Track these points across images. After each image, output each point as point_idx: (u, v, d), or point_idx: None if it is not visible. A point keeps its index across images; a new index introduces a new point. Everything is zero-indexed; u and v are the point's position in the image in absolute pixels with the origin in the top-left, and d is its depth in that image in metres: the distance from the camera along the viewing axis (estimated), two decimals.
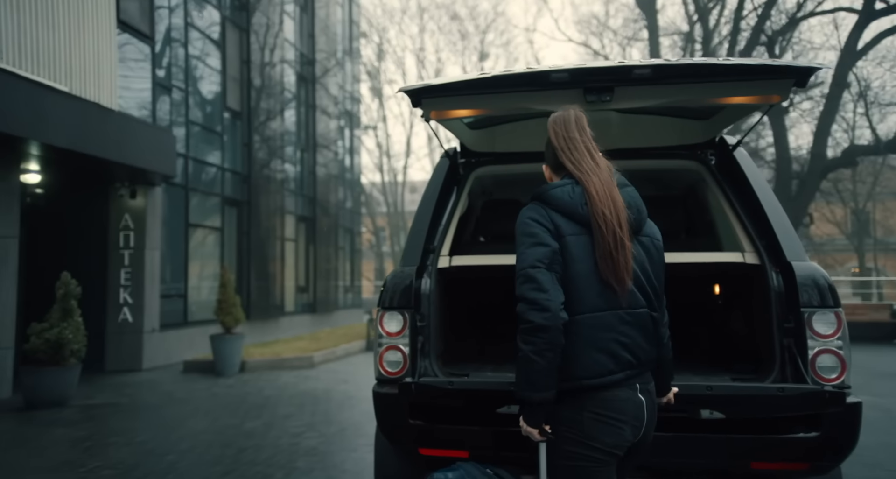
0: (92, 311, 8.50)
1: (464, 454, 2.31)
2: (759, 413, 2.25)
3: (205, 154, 11.25)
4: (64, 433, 5.38)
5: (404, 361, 2.51)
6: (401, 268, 2.65)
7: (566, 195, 1.73)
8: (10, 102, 6.34)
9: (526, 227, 1.72)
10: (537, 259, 1.65)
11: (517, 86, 2.31)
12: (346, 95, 19.76)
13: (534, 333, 1.60)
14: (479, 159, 3.08)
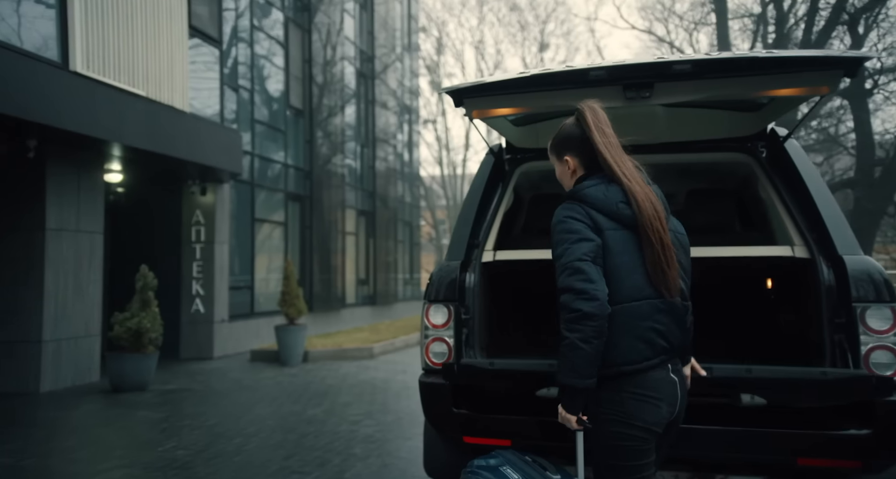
0: (168, 302, 9.05)
1: (506, 442, 2.39)
2: (801, 399, 2.21)
3: (269, 151, 11.70)
4: (144, 415, 5.79)
5: (449, 352, 2.61)
6: (446, 262, 2.75)
7: (601, 193, 1.80)
8: (95, 107, 6.82)
9: (566, 224, 1.78)
10: (584, 253, 1.72)
11: (557, 84, 2.35)
12: (405, 90, 20.00)
13: (581, 321, 1.66)
14: (524, 155, 3.12)
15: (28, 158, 6.71)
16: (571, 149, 1.93)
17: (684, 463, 2.35)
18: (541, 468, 1.85)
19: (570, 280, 1.70)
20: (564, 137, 1.94)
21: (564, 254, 1.74)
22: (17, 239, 7.00)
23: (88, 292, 7.49)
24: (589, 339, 1.66)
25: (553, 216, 1.86)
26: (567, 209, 1.82)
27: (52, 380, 6.94)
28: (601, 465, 1.78)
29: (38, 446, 4.73)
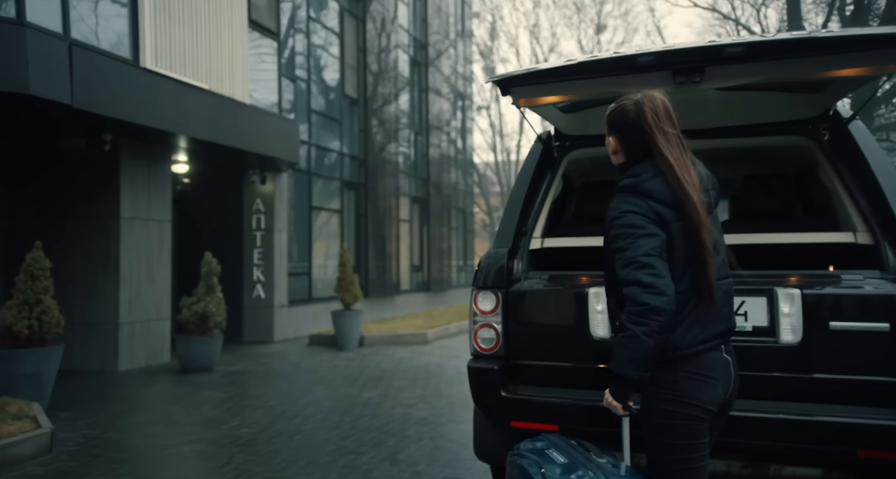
0: (231, 287, 9.45)
1: (553, 427, 2.42)
2: None
3: (325, 140, 11.96)
4: (210, 394, 6.11)
5: (497, 338, 2.66)
6: (494, 249, 2.78)
7: (661, 185, 1.79)
8: (163, 101, 7.15)
9: (628, 219, 1.76)
10: (651, 248, 1.72)
11: (604, 71, 2.34)
12: (459, 77, 19.96)
13: (648, 315, 1.67)
14: (573, 142, 3.10)
15: (104, 151, 7.12)
16: (617, 131, 1.91)
17: (737, 452, 2.32)
18: (585, 451, 1.88)
19: (638, 274, 1.70)
20: (618, 119, 1.91)
21: (630, 248, 1.73)
22: (94, 227, 7.46)
23: (159, 277, 7.91)
24: (653, 333, 1.67)
25: (610, 207, 1.84)
26: (628, 203, 1.79)
27: (128, 360, 7.40)
28: (656, 445, 1.79)
29: (117, 420, 5.08)
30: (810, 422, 2.15)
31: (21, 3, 5.69)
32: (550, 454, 1.86)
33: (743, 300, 2.33)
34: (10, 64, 5.41)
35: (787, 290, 2.27)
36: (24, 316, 5.19)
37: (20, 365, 5.15)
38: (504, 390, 2.58)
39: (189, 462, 4.03)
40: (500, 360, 2.65)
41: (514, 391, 2.60)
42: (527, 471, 1.84)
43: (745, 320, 2.33)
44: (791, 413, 2.19)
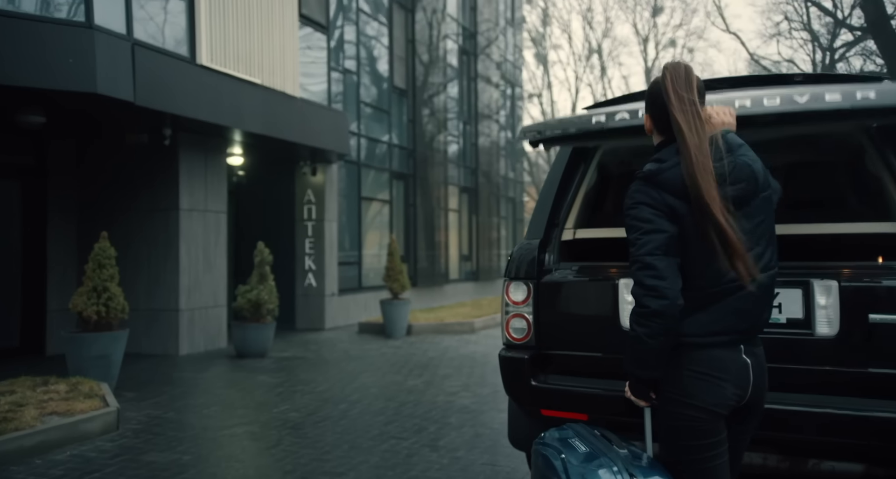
0: (284, 276, 9.78)
1: (583, 416, 2.44)
2: None
3: (374, 132, 12.13)
4: (263, 379, 6.38)
5: (528, 328, 2.69)
6: (526, 241, 2.81)
7: (679, 177, 1.67)
8: (218, 96, 7.43)
9: (637, 210, 1.70)
10: (655, 247, 1.66)
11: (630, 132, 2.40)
12: (509, 65, 19.80)
13: (649, 318, 1.64)
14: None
15: (164, 145, 7.47)
16: (650, 108, 1.84)
17: (773, 445, 2.28)
18: (608, 441, 1.90)
19: (640, 275, 1.66)
20: (650, 94, 1.82)
21: (635, 244, 1.68)
22: (156, 219, 7.85)
23: (216, 266, 8.27)
24: (655, 335, 1.65)
25: (627, 194, 1.78)
26: (640, 193, 1.72)
27: (188, 345, 7.79)
28: (665, 444, 1.78)
29: (177, 401, 5.38)
30: (849, 416, 2.10)
31: (90, 7, 6.02)
32: (573, 443, 1.89)
33: (777, 292, 2.29)
34: (80, 65, 5.74)
35: (824, 281, 2.21)
36: (92, 302, 5.55)
37: (90, 348, 5.52)
38: (534, 379, 2.62)
39: (241, 443, 4.25)
40: (530, 350, 2.68)
41: (544, 381, 2.63)
42: (549, 459, 1.88)
43: (779, 312, 2.29)
44: (828, 407, 2.14)
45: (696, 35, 37.60)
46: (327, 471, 3.66)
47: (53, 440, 4.09)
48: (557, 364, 2.67)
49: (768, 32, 20.62)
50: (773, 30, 19.95)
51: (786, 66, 20.47)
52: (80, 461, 3.86)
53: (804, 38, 19.42)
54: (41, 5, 5.97)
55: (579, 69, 35.60)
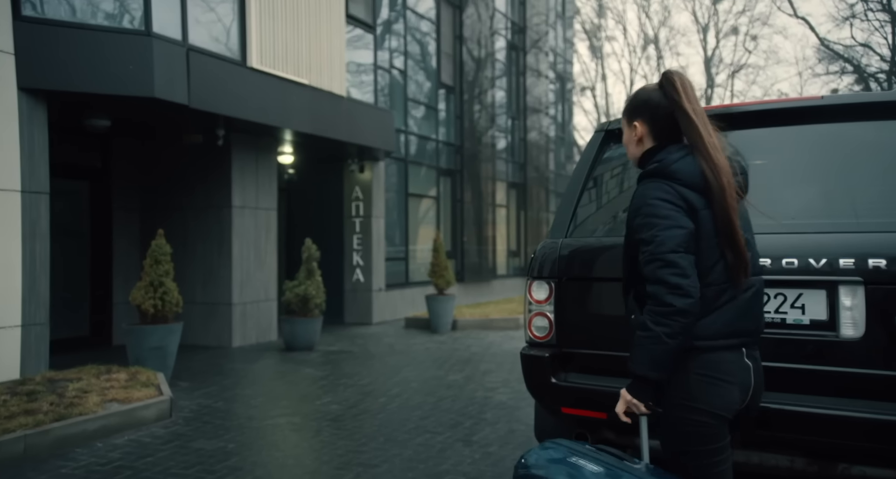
0: (333, 271, 10.03)
1: (601, 415, 2.44)
2: None
3: (421, 129, 12.24)
4: (309, 372, 6.58)
5: (550, 326, 2.71)
6: (549, 240, 2.82)
7: (690, 167, 1.69)
8: (268, 97, 7.68)
9: (655, 208, 1.68)
10: (677, 244, 1.64)
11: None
12: (559, 58, 19.55)
13: (672, 316, 1.62)
14: None
15: (218, 145, 7.78)
16: (645, 115, 1.83)
17: (799, 448, 2.23)
18: (614, 456, 1.76)
19: (663, 273, 1.63)
20: (642, 102, 1.84)
21: (654, 242, 1.65)
22: (210, 216, 8.19)
23: (266, 261, 8.56)
24: (676, 335, 1.62)
25: (636, 195, 1.76)
26: (655, 189, 1.70)
27: (240, 337, 8.11)
28: (671, 450, 1.75)
29: (226, 391, 5.64)
30: (876, 421, 2.02)
31: (148, 15, 6.34)
32: (579, 463, 1.72)
33: (800, 293, 2.22)
34: (139, 71, 6.06)
35: (850, 282, 2.13)
36: (149, 296, 5.86)
37: (147, 339, 5.83)
38: (554, 377, 2.63)
39: (282, 433, 4.42)
40: (552, 348, 2.70)
41: (564, 379, 2.64)
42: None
43: (802, 313, 2.22)
44: (854, 410, 2.07)
45: (761, 21, 35.98)
46: (362, 462, 3.77)
47: (113, 426, 4.37)
48: (578, 363, 2.68)
49: (841, 15, 19.51)
50: (847, 12, 18.88)
51: (860, 51, 19.40)
52: (135, 446, 4.10)
53: (882, 19, 18.34)
54: (105, 16, 6.32)
55: (634, 60, 34.74)
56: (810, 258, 2.18)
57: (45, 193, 5.78)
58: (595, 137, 2.98)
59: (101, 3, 6.23)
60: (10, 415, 4.15)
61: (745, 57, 34.65)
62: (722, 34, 28.31)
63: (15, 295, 5.48)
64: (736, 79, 29.27)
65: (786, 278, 2.23)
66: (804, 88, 25.24)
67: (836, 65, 20.30)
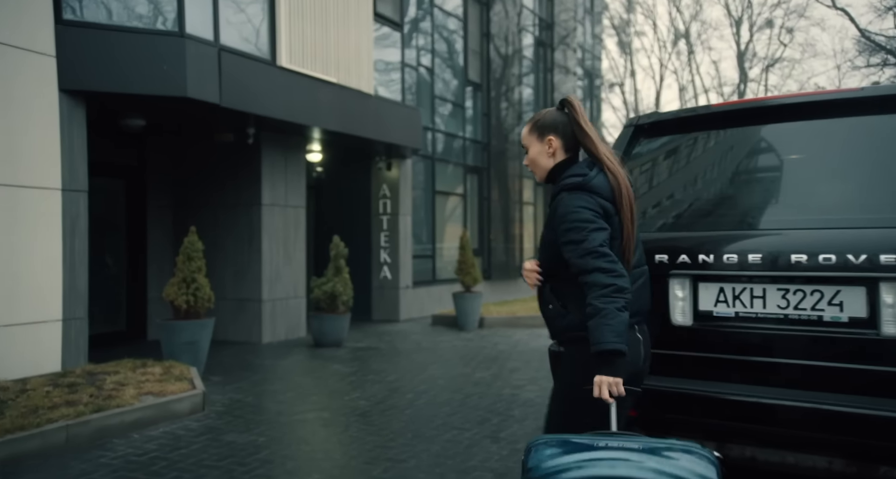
0: (361, 269, 10.11)
1: (633, 412, 2.42)
2: None
3: (448, 126, 12.25)
4: (337, 368, 6.66)
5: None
6: None
7: (604, 182, 2.02)
8: (297, 96, 7.77)
9: (581, 214, 1.96)
10: (603, 240, 1.94)
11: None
12: (588, 54, 19.37)
13: (616, 294, 1.88)
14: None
15: (248, 144, 7.91)
16: (557, 130, 2.13)
17: (837, 449, 2.18)
18: (620, 435, 1.75)
19: (599, 262, 1.90)
20: (552, 121, 2.14)
21: (587, 239, 1.93)
22: (240, 213, 8.33)
23: (295, 258, 8.67)
24: (623, 308, 1.88)
25: (561, 204, 2.01)
26: (579, 199, 1.99)
27: (270, 333, 8.24)
28: (574, 420, 1.93)
29: (257, 386, 5.74)
30: None
31: (182, 16, 6.46)
32: (598, 444, 1.69)
33: (838, 289, 2.18)
34: (172, 71, 6.19)
35: (892, 278, 2.08)
36: (182, 292, 5.99)
37: (180, 334, 5.97)
38: None
39: (311, 428, 4.48)
40: None
41: None
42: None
43: (840, 310, 2.18)
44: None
45: (797, 13, 35.04)
46: (390, 457, 3.81)
47: (148, 418, 4.49)
48: None
49: (883, 5, 18.86)
50: (890, 2, 18.23)
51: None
52: (170, 438, 4.21)
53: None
54: (140, 18, 6.47)
55: (664, 56, 34.20)
56: (849, 254, 2.13)
57: (83, 192, 5.95)
58: (625, 132, 2.95)
59: (136, 5, 6.37)
60: (53, 405, 4.29)
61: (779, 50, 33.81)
62: (756, 27, 27.68)
63: (56, 291, 5.66)
64: (770, 73, 28.54)
65: (823, 275, 2.18)
66: (843, 81, 24.52)
67: (878, 56, 19.64)
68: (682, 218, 2.70)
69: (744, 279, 2.36)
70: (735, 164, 2.71)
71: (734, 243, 2.38)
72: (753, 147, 2.68)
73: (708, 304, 2.43)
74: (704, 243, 2.44)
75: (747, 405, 2.23)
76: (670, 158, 2.90)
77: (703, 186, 2.73)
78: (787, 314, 2.26)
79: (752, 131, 2.68)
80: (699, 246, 2.45)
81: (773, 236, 2.34)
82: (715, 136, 2.79)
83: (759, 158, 2.67)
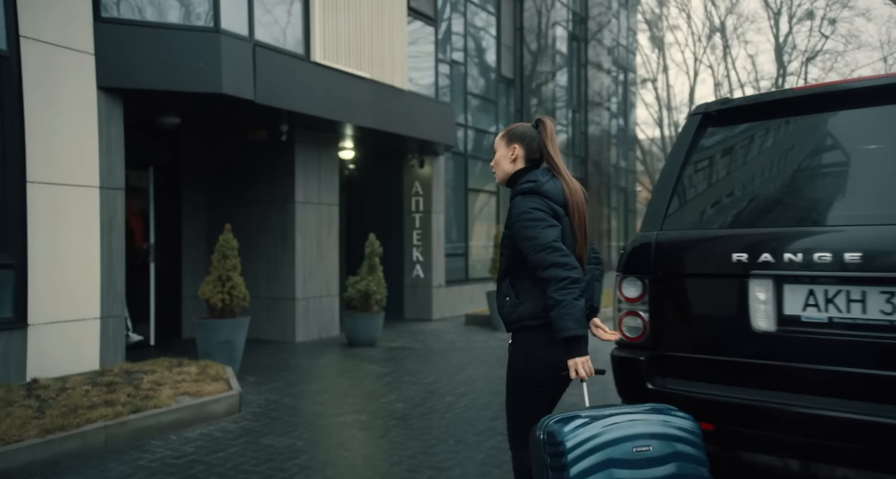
0: (393, 267, 9.99)
1: (708, 426, 2.23)
2: None
3: (481, 123, 12.06)
4: (372, 368, 6.54)
5: (644, 326, 2.51)
6: (641, 233, 2.61)
7: (557, 188, 2.28)
8: (330, 92, 7.67)
9: (533, 214, 2.19)
10: (556, 236, 2.17)
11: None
12: (622, 49, 18.97)
13: (571, 285, 2.10)
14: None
15: (281, 141, 7.84)
16: (524, 141, 2.38)
17: (869, 465, 1.96)
18: (608, 406, 2.12)
19: (553, 256, 2.12)
20: (522, 133, 2.39)
21: (539, 236, 2.15)
22: (274, 211, 8.28)
23: (328, 257, 8.59)
24: (579, 297, 2.11)
25: (516, 206, 2.23)
26: (532, 201, 2.22)
27: (303, 332, 8.17)
28: (515, 392, 2.31)
29: (293, 387, 5.65)
30: None
31: (217, 12, 6.41)
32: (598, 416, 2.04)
33: (894, 291, 1.96)
34: (207, 67, 6.13)
35: None
36: (218, 291, 5.93)
37: (216, 333, 5.91)
38: (651, 382, 2.44)
39: (350, 431, 4.36)
40: (647, 350, 2.50)
41: (662, 385, 2.44)
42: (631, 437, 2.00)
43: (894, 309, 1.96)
44: None
45: (840, 3, 33.81)
46: (433, 465, 3.66)
47: (185, 419, 4.42)
48: (676, 367, 2.47)
49: None
50: None
51: None
52: (208, 440, 4.13)
53: None
54: (175, 14, 6.43)
55: (698, 50, 33.40)
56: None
57: (120, 189, 5.93)
58: (691, 120, 2.74)
59: (171, 1, 6.34)
60: (92, 405, 4.25)
61: (821, 42, 32.71)
62: (796, 19, 26.80)
63: (94, 288, 5.65)
64: (811, 65, 27.59)
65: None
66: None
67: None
68: (761, 212, 2.46)
69: (839, 281, 2.13)
70: (824, 152, 2.47)
71: (827, 240, 2.16)
72: (846, 133, 2.42)
73: (795, 308, 2.22)
74: (791, 240, 2.22)
75: (844, 422, 2.02)
76: (745, 146, 2.67)
77: (785, 178, 2.49)
78: (892, 321, 2.04)
79: (843, 116, 2.43)
80: (784, 243, 2.22)
81: (873, 232, 2.10)
82: (798, 121, 2.55)
83: (852, 144, 2.40)
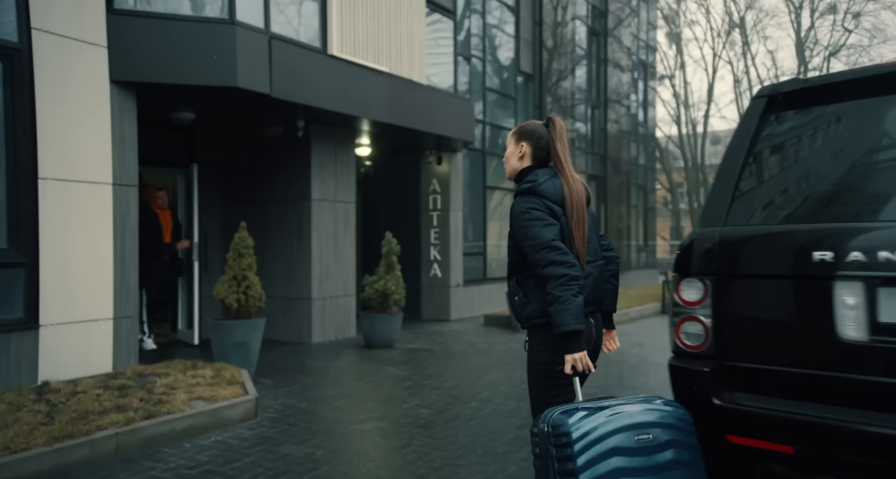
0: (410, 266, 9.78)
1: (787, 449, 1.97)
2: None
3: (500, 119, 11.80)
4: (391, 371, 6.32)
5: (706, 333, 2.26)
6: (701, 229, 2.35)
7: (555, 187, 2.30)
8: (348, 86, 7.46)
9: (531, 214, 2.24)
10: (554, 235, 2.21)
11: None
12: (641, 45, 18.60)
13: (570, 282, 2.13)
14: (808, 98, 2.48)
15: (297, 137, 7.64)
16: (532, 139, 2.42)
17: None
18: (604, 398, 2.15)
19: (552, 255, 2.16)
20: (531, 130, 2.44)
21: (538, 235, 2.20)
22: (289, 209, 8.09)
23: (345, 256, 8.39)
24: (578, 294, 2.13)
25: (515, 206, 2.29)
26: (529, 202, 2.27)
27: (320, 333, 7.97)
28: (537, 385, 2.32)
29: (309, 391, 5.44)
30: None
31: (232, 4, 6.21)
32: (598, 406, 2.06)
33: None
34: (222, 60, 5.95)
35: None
36: (233, 290, 5.75)
37: (231, 335, 5.73)
38: (717, 397, 2.18)
39: (372, 440, 4.14)
40: (710, 360, 2.24)
41: (730, 400, 2.18)
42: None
43: None
44: None
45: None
46: (462, 477, 3.43)
47: (199, 425, 4.22)
48: (745, 380, 2.21)
49: None
50: None
51: None
52: (223, 448, 3.93)
53: None
54: (190, 6, 6.25)
55: (717, 46, 32.83)
56: None
57: (134, 186, 5.76)
58: (754, 105, 2.47)
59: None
60: (104, 410, 4.07)
61: (844, 37, 32.00)
62: (818, 13, 26.20)
63: (107, 288, 5.48)
64: (834, 60, 26.94)
65: None
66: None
67: None
68: (847, 205, 2.18)
69: None
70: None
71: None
72: None
73: (892, 315, 1.95)
74: (886, 237, 1.95)
75: None
76: (823, 129, 2.39)
77: (874, 165, 2.22)
78: None
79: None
80: (878, 240, 1.96)
81: None
82: (883, 103, 2.26)
83: None
